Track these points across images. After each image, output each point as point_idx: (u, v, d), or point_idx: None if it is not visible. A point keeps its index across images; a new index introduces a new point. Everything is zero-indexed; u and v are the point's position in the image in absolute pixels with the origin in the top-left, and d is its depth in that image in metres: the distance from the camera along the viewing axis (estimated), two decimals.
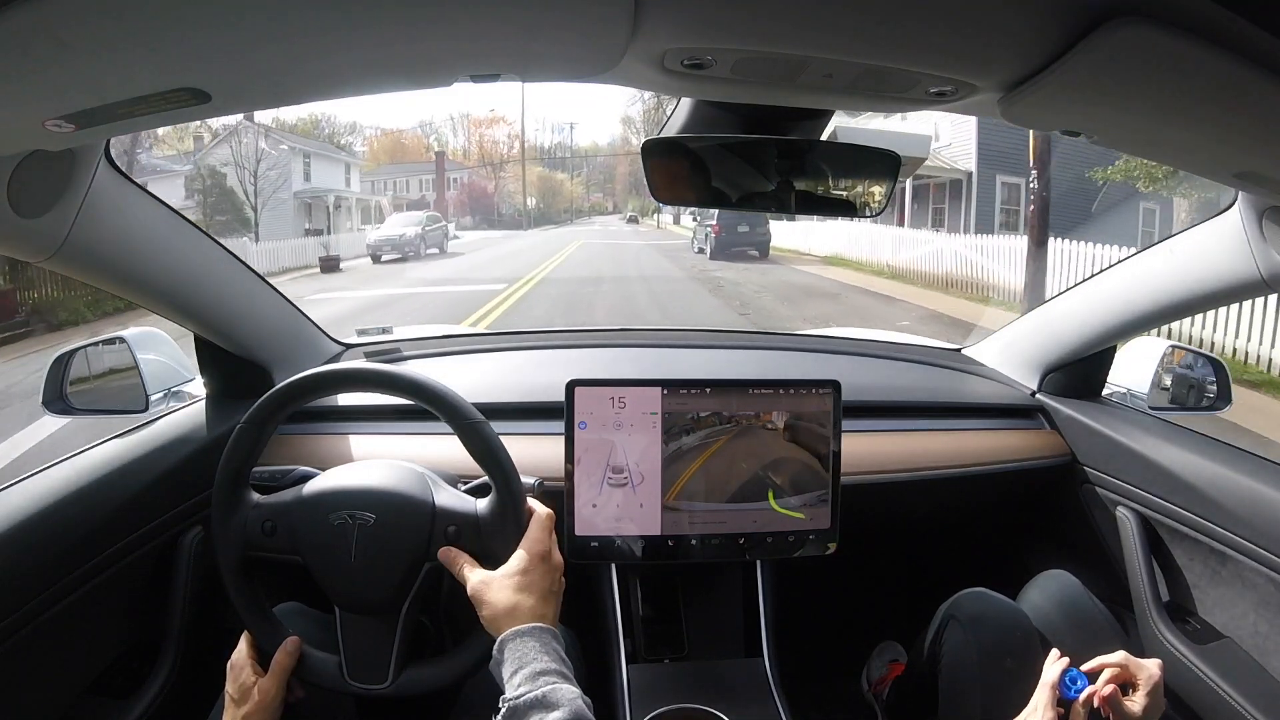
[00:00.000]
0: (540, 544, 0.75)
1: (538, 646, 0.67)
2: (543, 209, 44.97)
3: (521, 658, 0.66)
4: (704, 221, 15.56)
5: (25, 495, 0.83)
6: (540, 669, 0.64)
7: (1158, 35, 0.44)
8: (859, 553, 1.06)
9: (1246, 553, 0.95)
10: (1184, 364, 1.29)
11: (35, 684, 0.81)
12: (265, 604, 0.81)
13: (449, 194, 39.01)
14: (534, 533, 0.76)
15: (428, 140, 45.99)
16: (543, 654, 0.66)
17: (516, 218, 38.84)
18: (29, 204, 0.68)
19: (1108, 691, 0.79)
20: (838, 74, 0.57)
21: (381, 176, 38.61)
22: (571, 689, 0.63)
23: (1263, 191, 0.77)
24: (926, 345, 1.58)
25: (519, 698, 0.62)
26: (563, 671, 0.65)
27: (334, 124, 38.97)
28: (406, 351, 1.36)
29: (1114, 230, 9.44)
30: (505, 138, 47.22)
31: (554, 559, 0.76)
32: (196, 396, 1.15)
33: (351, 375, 0.86)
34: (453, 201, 38.71)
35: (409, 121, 71.93)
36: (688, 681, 1.01)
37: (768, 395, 1.02)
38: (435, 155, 42.03)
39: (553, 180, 48.94)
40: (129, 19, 0.43)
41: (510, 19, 0.48)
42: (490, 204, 42.14)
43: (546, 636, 0.68)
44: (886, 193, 0.82)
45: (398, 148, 42.69)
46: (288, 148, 20.55)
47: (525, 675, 0.64)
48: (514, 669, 0.65)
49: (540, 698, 0.62)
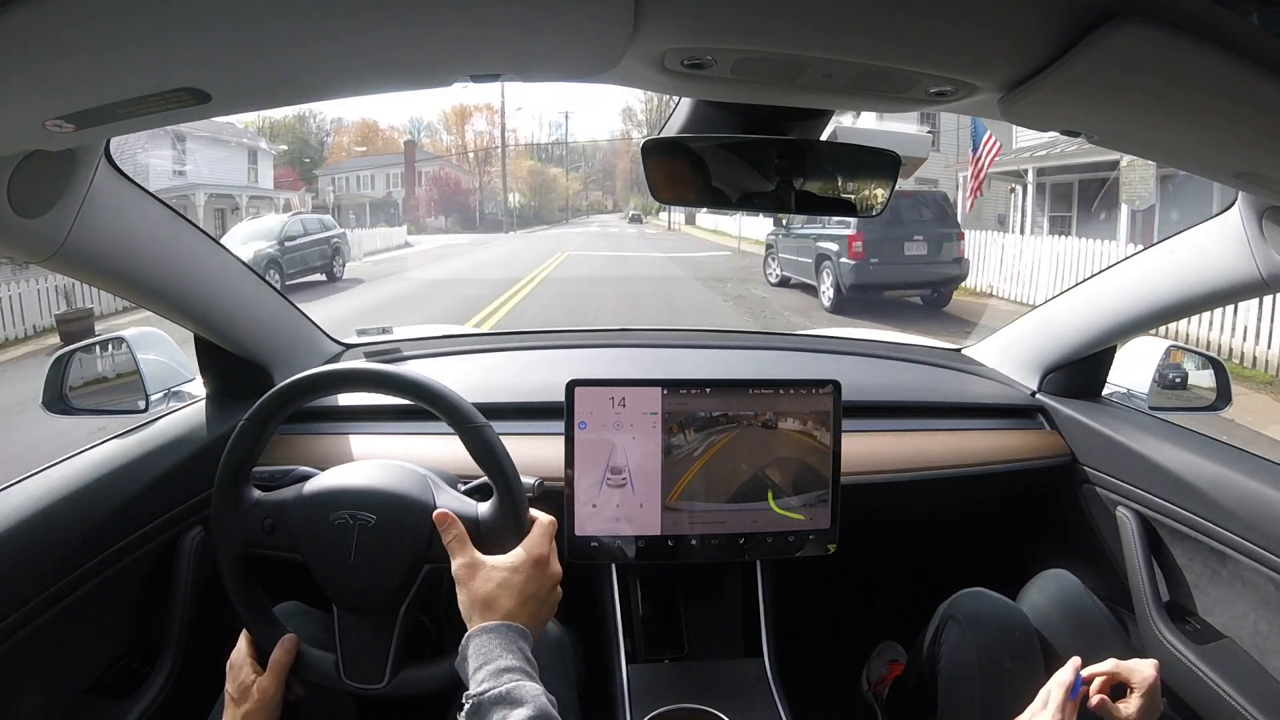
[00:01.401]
0: (538, 548, 0.74)
1: (501, 644, 0.66)
2: (535, 207, 40.35)
3: (486, 654, 0.65)
4: (802, 229, 8.32)
5: (25, 495, 0.83)
6: (504, 665, 0.64)
7: (1158, 35, 0.44)
8: (859, 553, 1.06)
9: (1246, 553, 0.95)
10: (1184, 364, 1.29)
11: (35, 684, 0.81)
12: (264, 602, 0.81)
13: (419, 190, 34.02)
14: (534, 536, 0.75)
15: (415, 134, 40.65)
16: (505, 651, 0.66)
17: (500, 218, 34.12)
18: (29, 204, 0.68)
19: (1094, 702, 0.79)
20: (838, 74, 0.57)
21: (342, 171, 33.59)
22: (535, 685, 0.63)
23: (1263, 191, 0.77)
24: (926, 345, 1.58)
25: (483, 694, 0.62)
26: (526, 670, 0.65)
27: (320, 119, 35.15)
28: (406, 351, 1.36)
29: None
30: (487, 126, 41.44)
31: (551, 567, 0.75)
32: (196, 396, 1.15)
33: (352, 375, 0.86)
34: (422, 199, 33.89)
35: (400, 118, 68.38)
36: (688, 681, 1.01)
37: (768, 395, 1.02)
38: (405, 144, 36.61)
39: (545, 175, 44.07)
40: (129, 19, 0.43)
41: (510, 19, 0.48)
42: (466, 202, 36.50)
43: (512, 634, 0.68)
44: (887, 193, 0.83)
45: (369, 139, 37.44)
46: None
47: (489, 672, 0.64)
48: (478, 664, 0.65)
49: (504, 694, 0.61)
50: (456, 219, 35.12)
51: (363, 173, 33.93)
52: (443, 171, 36.88)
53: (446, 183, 36.40)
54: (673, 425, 1.00)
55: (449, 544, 0.74)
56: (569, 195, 45.87)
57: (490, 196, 36.96)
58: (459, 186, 37.15)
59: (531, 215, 39.61)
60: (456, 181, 37.18)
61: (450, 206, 35.88)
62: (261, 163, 20.03)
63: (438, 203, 35.22)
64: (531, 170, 43.43)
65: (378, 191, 33.19)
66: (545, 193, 43.13)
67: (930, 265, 7.56)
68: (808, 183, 0.81)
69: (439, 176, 36.21)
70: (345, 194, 32.10)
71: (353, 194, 32.42)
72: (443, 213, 34.93)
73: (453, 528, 0.74)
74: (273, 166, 22.08)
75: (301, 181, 29.79)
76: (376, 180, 33.62)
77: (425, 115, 44.89)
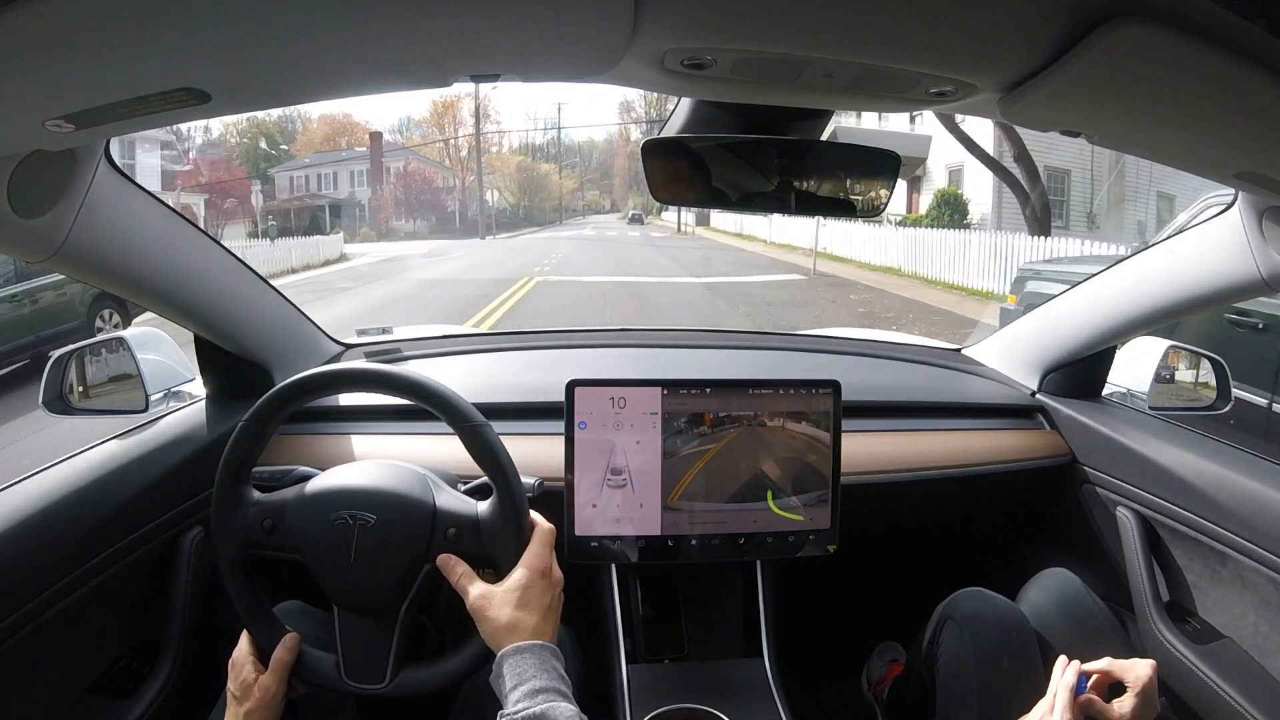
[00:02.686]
0: (541, 559, 0.75)
1: (537, 664, 0.67)
2: (526, 207, 36.19)
3: (521, 674, 0.67)
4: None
5: (25, 495, 0.83)
6: (539, 686, 0.65)
7: (1158, 35, 0.44)
8: (859, 553, 1.06)
9: (1246, 553, 0.95)
10: (1184, 364, 1.29)
11: (35, 684, 0.81)
12: (264, 602, 0.81)
13: (385, 189, 29.32)
14: (535, 548, 0.76)
15: (403, 132, 35.15)
16: (541, 671, 0.67)
17: (484, 220, 28.79)
18: (29, 204, 0.68)
19: (1083, 699, 0.79)
20: (838, 74, 0.57)
21: (301, 168, 28.53)
22: (569, 707, 0.64)
23: (1263, 191, 0.77)
24: (926, 345, 1.58)
25: (517, 713, 0.63)
26: (560, 690, 0.66)
27: (307, 118, 30.89)
28: (407, 351, 1.36)
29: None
30: (470, 117, 35.34)
31: (554, 575, 0.76)
32: (196, 396, 1.15)
33: (352, 375, 0.86)
34: (387, 198, 29.16)
35: (387, 114, 63.79)
36: (688, 681, 1.01)
37: (768, 395, 1.02)
38: (370, 136, 30.77)
39: (535, 172, 39.44)
40: (129, 19, 0.43)
41: (510, 19, 0.48)
42: (440, 201, 31.51)
43: (546, 654, 0.69)
44: (887, 193, 0.83)
45: (340, 133, 32.16)
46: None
47: (524, 692, 0.65)
48: (513, 684, 0.66)
49: (538, 714, 0.63)
50: (435, 222, 30.51)
51: (324, 170, 28.60)
52: (410, 166, 31.20)
53: (415, 179, 30.88)
54: (673, 425, 1.00)
55: (457, 584, 0.75)
56: (562, 194, 41.76)
57: (474, 195, 32.04)
58: (430, 184, 31.65)
59: (521, 216, 35.66)
60: (427, 178, 31.65)
61: (420, 207, 30.85)
62: (142, 155, 15.65)
63: (405, 203, 30.16)
64: (520, 166, 38.96)
65: (340, 191, 28.43)
66: (536, 191, 38.99)
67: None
68: (808, 183, 0.81)
69: (406, 173, 30.67)
70: (307, 195, 27.65)
71: (314, 195, 27.88)
72: (413, 214, 30.16)
73: (457, 567, 0.76)
74: (183, 161, 18.85)
75: (248, 182, 25.59)
76: (340, 178, 28.63)
77: (415, 112, 39.42)
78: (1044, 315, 1.33)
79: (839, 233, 14.05)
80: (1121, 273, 1.13)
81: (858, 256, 13.21)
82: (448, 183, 33.09)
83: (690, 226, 25.70)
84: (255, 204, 23.07)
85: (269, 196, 26.44)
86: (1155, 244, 1.07)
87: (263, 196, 24.82)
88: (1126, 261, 1.12)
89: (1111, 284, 1.15)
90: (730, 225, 21.98)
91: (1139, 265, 1.09)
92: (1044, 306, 1.34)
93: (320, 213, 26.54)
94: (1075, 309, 1.23)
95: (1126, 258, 1.13)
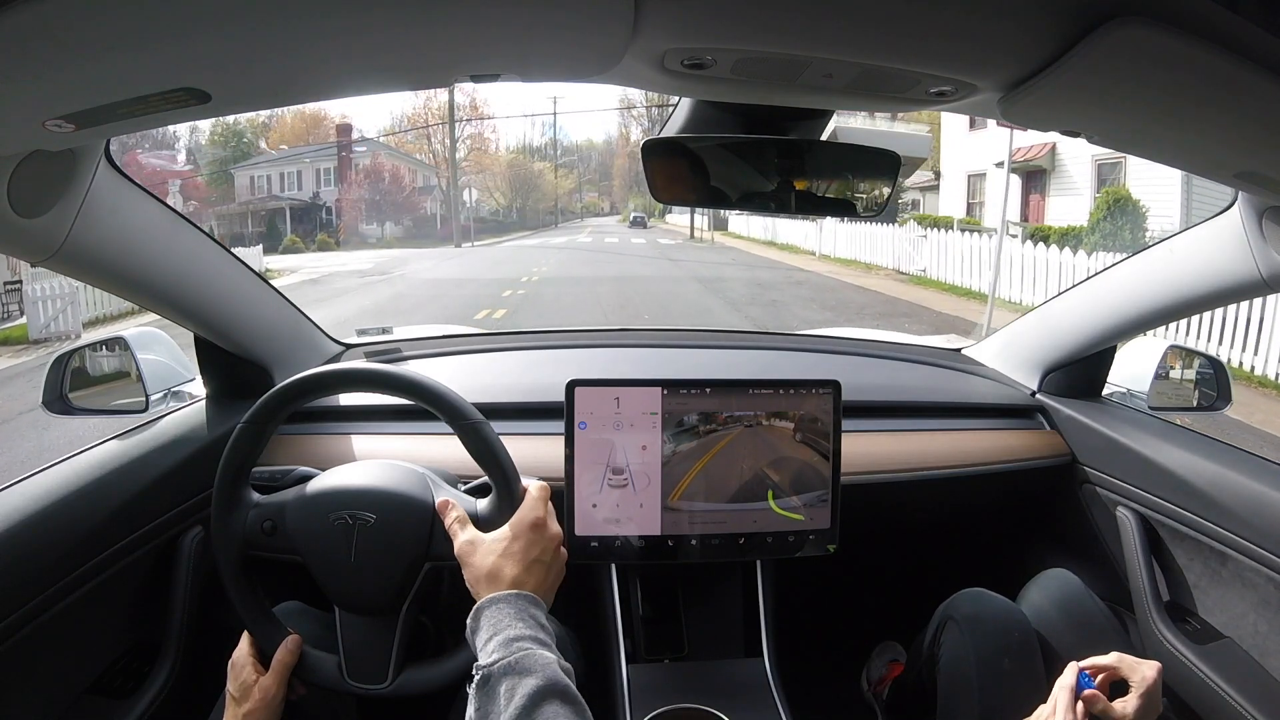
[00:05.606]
0: (532, 512, 0.74)
1: (512, 613, 0.65)
2: (519, 208, 33.37)
3: (496, 624, 0.64)
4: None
5: (25, 495, 0.83)
6: (514, 635, 0.63)
7: (1157, 35, 0.44)
8: (859, 553, 1.06)
9: (1246, 553, 0.95)
10: (1184, 364, 1.29)
11: (35, 684, 0.81)
12: (265, 603, 0.81)
13: (350, 187, 25.21)
14: (526, 501, 0.75)
15: (397, 130, 30.45)
16: (517, 620, 0.65)
17: (468, 223, 24.17)
18: (29, 204, 0.68)
19: (1087, 694, 0.79)
20: (838, 74, 0.57)
21: (262, 167, 24.81)
22: (547, 654, 0.62)
23: (1263, 191, 0.77)
24: (926, 345, 1.58)
25: (491, 665, 0.61)
26: (539, 637, 0.64)
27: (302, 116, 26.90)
28: (406, 351, 1.36)
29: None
30: (459, 109, 30.27)
31: (550, 529, 0.75)
32: (196, 396, 1.15)
33: (352, 375, 0.86)
34: (348, 199, 25.04)
35: (376, 114, 60.54)
36: (688, 681, 1.01)
37: (768, 395, 1.02)
38: (338, 128, 26.36)
39: (528, 170, 35.63)
40: (129, 19, 0.43)
41: (510, 19, 0.48)
42: (414, 202, 26.90)
43: (523, 603, 0.67)
44: (887, 193, 0.83)
45: (315, 128, 27.72)
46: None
47: (499, 642, 0.62)
48: (488, 636, 0.64)
49: (513, 664, 0.60)
50: (411, 226, 26.02)
51: (287, 169, 24.82)
52: (378, 161, 26.49)
53: (380, 175, 26.02)
54: (673, 425, 1.00)
55: (450, 526, 0.74)
56: (558, 195, 38.51)
57: (459, 195, 26.93)
58: (398, 180, 26.63)
59: (514, 219, 32.23)
60: (394, 174, 26.72)
61: (391, 208, 25.76)
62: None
63: (373, 204, 25.45)
64: (511, 164, 34.98)
65: (304, 192, 24.41)
66: (529, 191, 35.14)
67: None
68: (808, 183, 0.81)
69: (373, 169, 26.08)
70: (269, 197, 24.35)
71: (275, 197, 24.48)
72: (384, 217, 25.42)
73: (453, 511, 0.75)
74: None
75: (201, 182, 23.19)
76: (305, 177, 24.59)
77: (402, 107, 34.33)
78: (1044, 315, 1.33)
79: (952, 250, 9.36)
80: (1121, 273, 1.13)
81: (1025, 299, 8.07)
82: (427, 181, 28.79)
83: (705, 231, 21.06)
84: (180, 205, 18.78)
85: (226, 199, 23.80)
86: (1155, 244, 1.07)
87: (183, 197, 20.83)
88: (1126, 261, 1.12)
89: (1111, 284, 1.15)
90: (758, 231, 16.99)
91: (1139, 265, 1.09)
92: (1044, 306, 1.34)
93: (279, 217, 23.46)
94: (1075, 309, 1.23)
95: (1127, 258, 1.14)
